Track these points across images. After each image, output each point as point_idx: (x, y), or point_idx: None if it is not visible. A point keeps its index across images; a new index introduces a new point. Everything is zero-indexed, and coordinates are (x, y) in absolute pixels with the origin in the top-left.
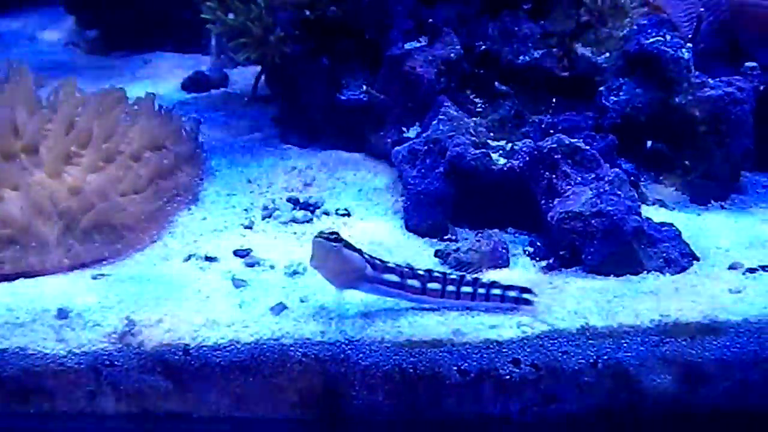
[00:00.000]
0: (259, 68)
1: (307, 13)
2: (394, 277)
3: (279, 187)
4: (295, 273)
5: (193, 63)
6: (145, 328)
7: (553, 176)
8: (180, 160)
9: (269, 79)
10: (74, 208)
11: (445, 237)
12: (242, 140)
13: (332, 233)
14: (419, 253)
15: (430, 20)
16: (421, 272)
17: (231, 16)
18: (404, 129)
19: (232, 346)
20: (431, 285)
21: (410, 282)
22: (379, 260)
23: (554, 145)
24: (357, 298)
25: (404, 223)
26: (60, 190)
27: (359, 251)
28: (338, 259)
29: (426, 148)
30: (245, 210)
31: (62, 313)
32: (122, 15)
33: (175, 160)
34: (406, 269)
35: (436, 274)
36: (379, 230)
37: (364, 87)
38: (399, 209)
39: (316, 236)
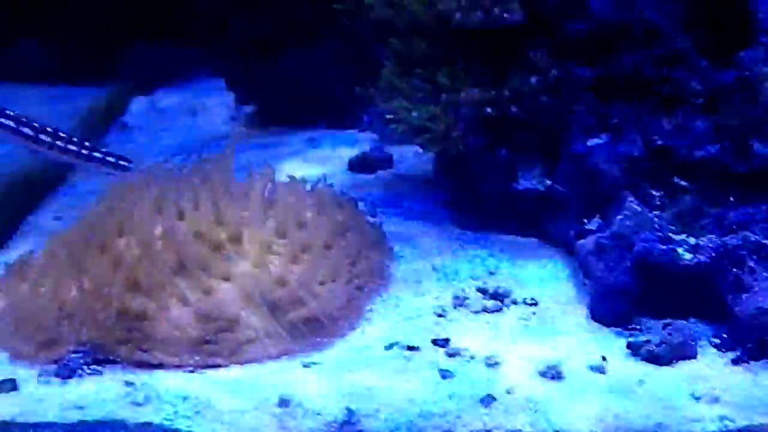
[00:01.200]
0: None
1: (488, 110)
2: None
3: (465, 275)
4: (495, 364)
5: (352, 140)
6: (364, 417)
7: (740, 272)
8: (367, 245)
9: (441, 164)
10: (282, 299)
11: (629, 327)
12: (417, 224)
13: None
14: (608, 344)
15: (615, 120)
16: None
17: (415, 114)
18: (585, 221)
19: None
20: (43, 136)
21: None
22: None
23: (740, 242)
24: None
25: (589, 312)
26: (267, 281)
27: None
28: None
29: (612, 242)
30: (435, 298)
31: (284, 402)
32: (279, 91)
33: (363, 246)
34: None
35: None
36: (566, 321)
37: (547, 182)
38: (581, 298)
39: None
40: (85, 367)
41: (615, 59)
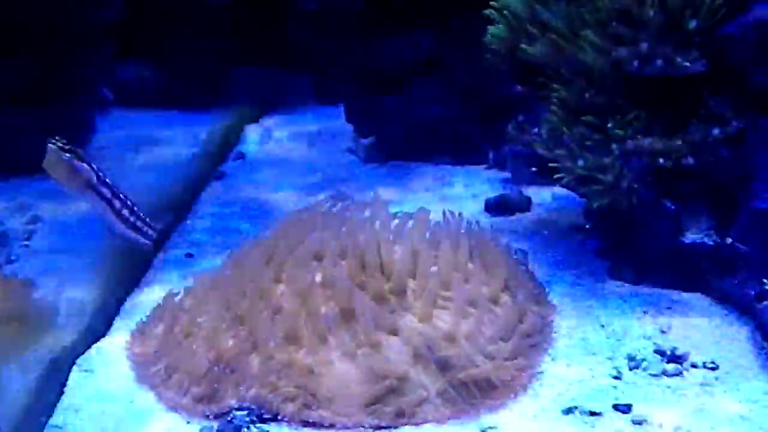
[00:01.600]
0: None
1: (661, 161)
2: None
3: (636, 334)
4: None
5: (482, 178)
6: None
7: None
8: (530, 298)
9: (594, 211)
10: (452, 358)
11: None
12: (569, 273)
13: (66, 143)
14: None
15: None
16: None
17: (580, 163)
18: (765, 281)
19: None
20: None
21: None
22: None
23: None
24: None
25: None
26: (435, 337)
27: (89, 163)
28: (69, 168)
29: None
30: (608, 359)
31: None
32: (400, 124)
33: (527, 299)
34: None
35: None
36: (752, 388)
37: (715, 237)
38: (763, 363)
39: (49, 140)
40: (251, 425)
41: None
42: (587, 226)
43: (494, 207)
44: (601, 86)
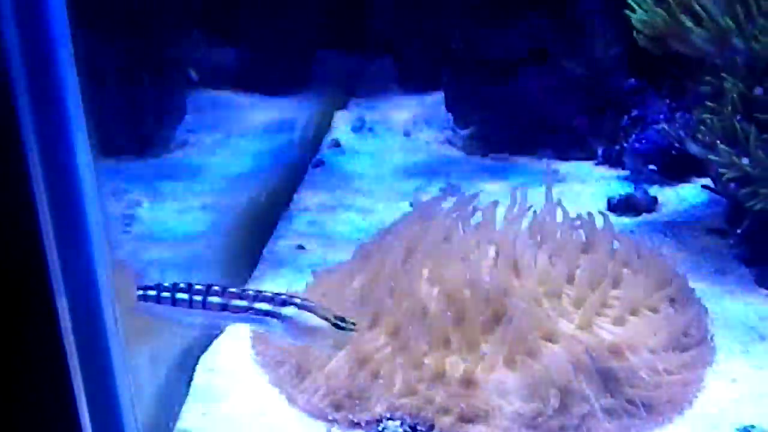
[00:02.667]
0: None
1: None
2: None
3: None
4: None
5: (595, 176)
6: None
7: None
8: (685, 305)
9: (736, 214)
10: (616, 370)
11: None
12: (713, 281)
13: None
14: None
15: None
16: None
17: (746, 161)
18: None
19: None
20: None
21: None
22: None
23: None
24: None
25: None
26: (597, 347)
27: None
28: None
29: None
30: None
31: None
32: (504, 115)
33: (684, 307)
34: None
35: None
36: None
37: None
38: None
39: None
40: None
41: None
42: (738, 231)
43: (619, 206)
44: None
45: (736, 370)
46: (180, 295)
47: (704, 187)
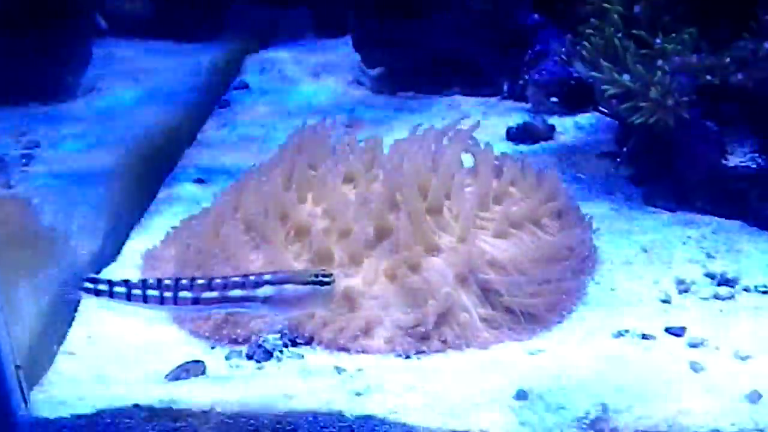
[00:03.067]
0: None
1: (709, 77)
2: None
3: (682, 258)
4: (747, 357)
5: (498, 108)
6: (615, 413)
7: None
8: (571, 222)
9: (628, 135)
10: (494, 280)
11: None
12: (604, 201)
13: None
14: None
15: None
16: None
17: (626, 77)
18: None
19: None
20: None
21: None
22: None
23: None
24: None
25: None
26: (476, 258)
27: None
28: None
29: None
30: (655, 282)
31: (521, 395)
32: (411, 55)
33: (569, 223)
34: None
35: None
36: None
37: (760, 160)
38: None
39: None
40: (284, 349)
41: None
42: (624, 149)
43: (517, 135)
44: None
45: (618, 279)
46: (151, 292)
47: (595, 109)
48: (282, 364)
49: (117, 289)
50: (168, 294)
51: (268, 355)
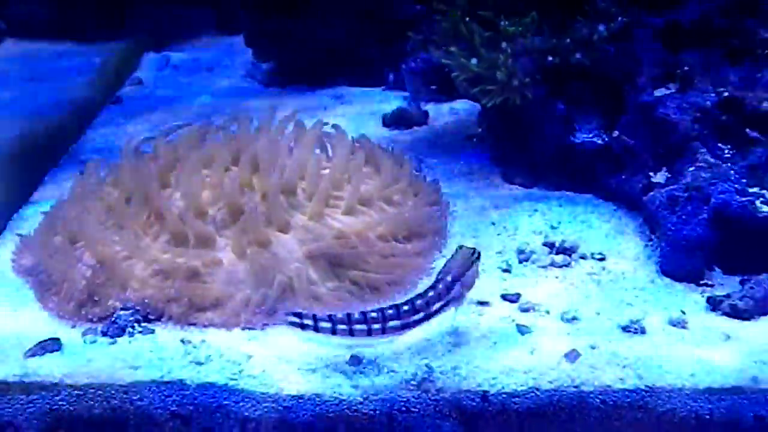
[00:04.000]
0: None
1: (550, 58)
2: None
3: (526, 230)
4: (574, 319)
5: (380, 98)
6: (442, 374)
7: None
8: (424, 201)
9: (486, 117)
10: (342, 255)
11: (701, 282)
12: (465, 180)
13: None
14: (684, 299)
15: (685, 68)
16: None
17: (474, 61)
18: (651, 174)
19: (532, 393)
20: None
21: None
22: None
23: None
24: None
25: (658, 268)
26: (325, 235)
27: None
28: None
29: (687, 194)
30: (498, 253)
31: (355, 360)
32: (299, 49)
33: (420, 201)
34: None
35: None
36: (637, 276)
37: (605, 136)
38: (651, 254)
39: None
40: (136, 325)
41: (684, 7)
42: (479, 130)
43: (392, 121)
44: None
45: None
46: (358, 327)
47: (459, 93)
48: (133, 339)
49: (322, 324)
50: (376, 326)
51: (121, 331)
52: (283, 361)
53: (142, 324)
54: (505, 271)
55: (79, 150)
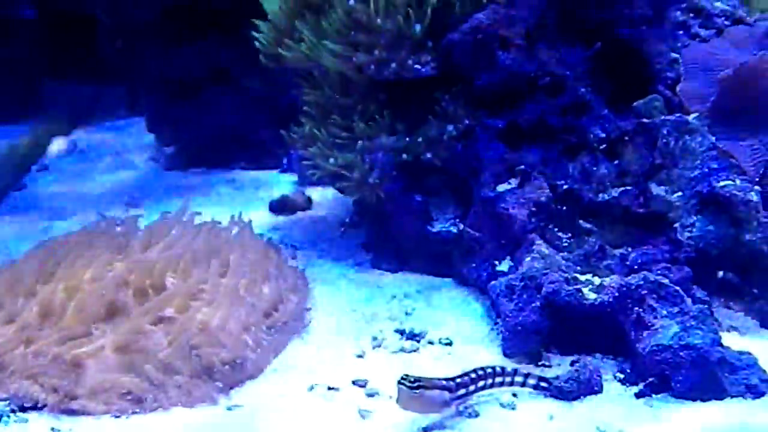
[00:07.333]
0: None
1: (404, 156)
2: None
3: (383, 317)
4: None
5: (273, 182)
6: None
7: (641, 310)
8: (288, 288)
9: (358, 207)
10: (203, 343)
11: (539, 363)
12: (336, 265)
13: (414, 380)
14: None
15: (522, 166)
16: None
17: (332, 161)
18: (496, 262)
19: None
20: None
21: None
22: (451, 379)
23: (641, 282)
24: None
25: (502, 351)
26: (190, 326)
27: (437, 383)
28: (423, 400)
29: (522, 284)
30: (355, 340)
31: None
32: (199, 133)
33: (284, 290)
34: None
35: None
36: (479, 359)
37: (460, 225)
38: (494, 338)
39: (399, 381)
40: (12, 414)
41: (523, 109)
42: (347, 221)
43: (277, 207)
44: (347, 89)
45: (324, 339)
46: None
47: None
48: (7, 428)
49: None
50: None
51: None
52: None
53: (18, 413)
54: (359, 357)
55: None
